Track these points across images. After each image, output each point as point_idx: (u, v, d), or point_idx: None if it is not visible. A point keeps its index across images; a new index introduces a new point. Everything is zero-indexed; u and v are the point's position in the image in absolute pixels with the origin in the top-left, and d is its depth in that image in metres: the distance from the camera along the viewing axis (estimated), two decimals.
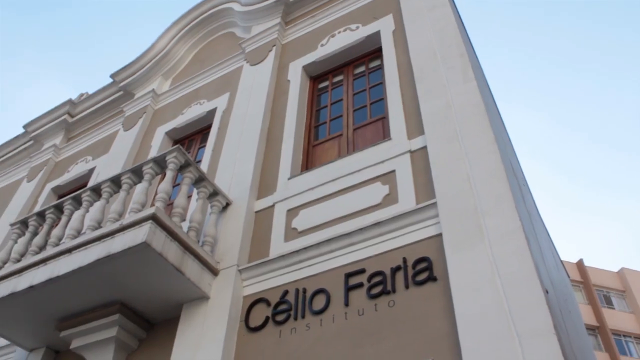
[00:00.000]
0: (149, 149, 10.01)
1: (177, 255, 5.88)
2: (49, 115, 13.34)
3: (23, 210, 11.45)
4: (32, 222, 7.54)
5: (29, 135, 13.64)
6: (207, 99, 9.98)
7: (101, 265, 5.92)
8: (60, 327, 6.85)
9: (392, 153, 6.44)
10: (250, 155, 7.61)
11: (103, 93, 12.63)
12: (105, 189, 6.87)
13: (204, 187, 6.73)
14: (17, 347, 7.83)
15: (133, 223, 5.80)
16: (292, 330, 5.54)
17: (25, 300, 6.58)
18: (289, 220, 6.60)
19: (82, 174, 11.23)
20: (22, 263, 6.71)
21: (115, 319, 6.39)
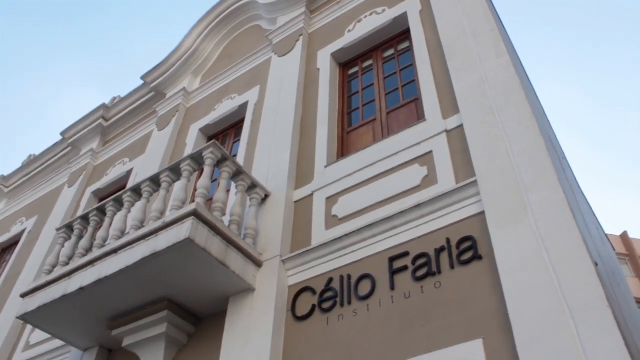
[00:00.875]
0: (184, 146, 10.11)
1: (221, 249, 5.94)
2: (84, 120, 13.60)
3: (67, 215, 11.71)
4: (77, 226, 7.70)
5: (67, 142, 13.93)
6: (238, 93, 10.02)
7: (147, 264, 6.01)
8: (112, 326, 6.99)
9: (428, 134, 6.37)
10: (285, 145, 7.63)
11: (135, 95, 12.80)
12: (145, 188, 6.96)
13: (242, 180, 6.77)
14: (72, 348, 8.03)
15: (175, 220, 5.87)
16: (339, 317, 5.55)
17: (77, 301, 6.73)
18: (328, 208, 6.60)
19: (120, 176, 11.43)
20: (71, 266, 6.86)
21: (163, 316, 6.49)
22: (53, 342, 8.71)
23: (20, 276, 11.18)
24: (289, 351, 5.66)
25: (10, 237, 13.58)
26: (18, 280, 11.09)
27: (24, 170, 15.09)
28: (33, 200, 14.20)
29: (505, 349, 4.33)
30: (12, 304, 10.45)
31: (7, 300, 10.91)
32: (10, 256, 13.27)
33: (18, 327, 9.99)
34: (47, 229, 11.89)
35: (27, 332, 9.76)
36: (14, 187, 15.21)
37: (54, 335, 7.65)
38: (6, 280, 11.86)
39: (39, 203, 13.82)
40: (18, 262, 12.06)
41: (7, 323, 10.07)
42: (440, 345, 4.69)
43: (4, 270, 12.73)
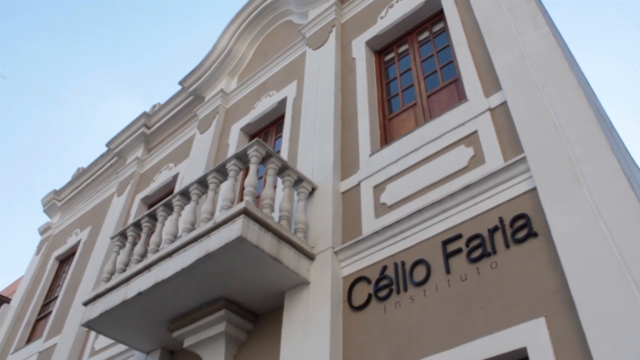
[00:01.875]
0: (227, 147, 10.22)
1: (273, 245, 5.98)
2: (127, 130, 13.88)
3: (118, 223, 11.98)
4: (130, 233, 7.87)
5: (113, 152, 14.24)
6: (276, 90, 10.07)
7: (201, 265, 6.10)
8: (172, 328, 7.13)
9: (471, 114, 6.29)
10: (327, 137, 7.63)
11: (174, 101, 12.99)
12: (193, 191, 7.07)
13: (288, 175, 6.80)
14: (135, 351, 8.24)
15: (226, 220, 5.94)
16: (396, 305, 5.54)
17: (136, 306, 6.90)
18: (376, 196, 6.59)
19: (167, 181, 11.62)
20: (128, 272, 7.02)
21: (221, 315, 6.59)
22: (117, 347, 8.96)
23: (80, 286, 11.51)
24: (348, 342, 5.68)
25: (67, 248, 14.00)
26: (78, 289, 11.42)
27: (74, 183, 15.50)
28: (85, 212, 14.59)
29: (569, 325, 4.25)
30: (75, 313, 10.77)
31: (70, 309, 11.25)
32: (68, 267, 13.68)
33: (83, 334, 10.30)
34: (101, 238, 12.20)
35: (91, 338, 10.05)
36: (67, 200, 15.65)
37: (117, 340, 7.87)
38: (67, 290, 12.23)
39: (91, 214, 14.19)
40: (76, 272, 12.41)
41: (73, 331, 10.39)
42: (501, 326, 4.64)
43: (64, 281, 13.13)
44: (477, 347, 4.65)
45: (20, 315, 13.78)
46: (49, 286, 13.89)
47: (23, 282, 15.04)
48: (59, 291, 13.21)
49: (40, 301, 13.55)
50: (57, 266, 14.33)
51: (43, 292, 13.72)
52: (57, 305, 12.26)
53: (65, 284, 12.65)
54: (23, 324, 13.19)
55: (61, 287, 13.12)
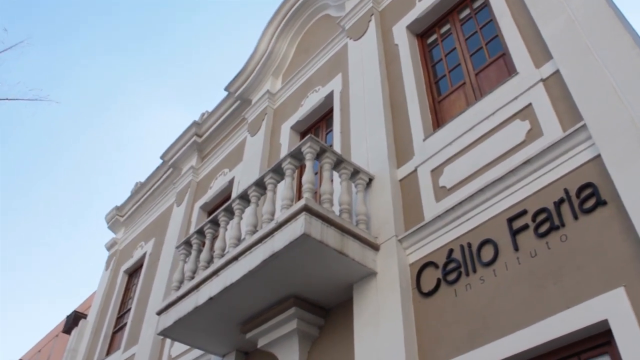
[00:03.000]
0: (279, 147, 10.30)
1: (337, 239, 6.00)
2: (179, 141, 14.16)
3: (181, 233, 12.25)
4: (195, 241, 8.03)
5: (168, 164, 14.56)
6: (322, 85, 10.08)
7: (268, 265, 6.17)
8: (244, 330, 7.26)
9: (523, 87, 6.15)
10: (379, 126, 7.60)
11: (222, 107, 13.17)
12: (252, 193, 7.15)
13: (344, 168, 6.81)
14: (210, 355, 8.42)
15: (288, 218, 5.99)
16: (467, 287, 5.48)
17: (208, 311, 7.04)
18: (435, 180, 6.53)
19: (223, 186, 11.80)
20: (197, 279, 7.17)
21: (292, 313, 6.66)
22: (193, 352, 9.16)
23: (150, 296, 11.82)
24: (421, 328, 5.66)
25: (134, 262, 14.41)
26: (149, 300, 11.74)
27: (134, 198, 15.93)
28: (148, 224, 14.97)
29: None
30: (149, 323, 11.08)
31: (143, 319, 11.58)
32: (137, 279, 14.08)
33: (158, 342, 10.58)
34: (165, 248, 12.50)
35: (167, 346, 10.31)
36: (129, 215, 16.11)
37: (192, 345, 8.06)
38: (139, 302, 12.59)
39: (153, 226, 14.55)
40: (146, 284, 12.76)
41: (149, 340, 10.69)
42: (578, 299, 4.53)
43: (134, 294, 13.52)
44: (555, 323, 4.55)
45: (98, 329, 14.28)
46: (121, 299, 14.34)
47: (96, 297, 15.57)
48: (131, 303, 13.62)
49: (114, 314, 14.00)
50: (127, 279, 14.77)
51: (116, 306, 14.17)
52: (130, 316, 12.64)
53: (136, 295, 13.02)
54: (101, 338, 13.66)
55: (133, 299, 13.52)
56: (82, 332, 15.03)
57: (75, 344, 14.91)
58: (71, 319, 16.53)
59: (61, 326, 20.03)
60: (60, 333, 20.66)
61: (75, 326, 16.26)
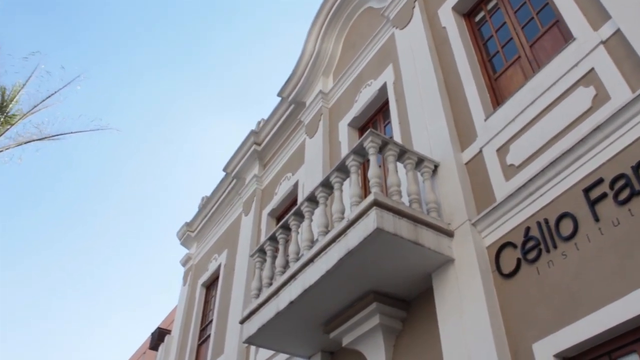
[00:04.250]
0: (339, 145, 10.32)
1: (410, 230, 5.97)
2: (239, 151, 14.39)
3: (252, 241, 12.43)
4: (268, 247, 8.13)
5: (231, 176, 14.81)
6: (374, 78, 10.04)
7: (344, 263, 6.18)
8: (327, 330, 7.30)
9: (582, 52, 5.96)
10: (437, 112, 7.51)
11: (277, 113, 13.30)
12: (319, 194, 7.19)
13: (409, 158, 6.76)
14: (296, 358, 8.51)
15: (359, 214, 5.99)
16: (549, 264, 5.35)
17: (290, 315, 7.12)
18: (501, 159, 6.40)
19: (288, 191, 11.91)
20: (275, 285, 7.27)
21: (373, 308, 6.66)
22: (278, 357, 9.27)
23: (230, 306, 12.05)
24: (506, 311, 5.55)
25: (210, 274, 14.73)
26: (229, 310, 11.97)
27: (202, 213, 16.29)
28: (219, 237, 15.28)
29: None
30: (232, 332, 11.30)
31: (226, 329, 11.82)
32: (215, 291, 14.39)
33: (243, 350, 10.77)
34: (239, 258, 12.72)
35: (252, 353, 10.48)
36: (199, 229, 16.48)
37: (277, 350, 8.17)
38: (219, 313, 12.86)
39: (224, 237, 14.83)
40: (224, 295, 13.02)
41: (234, 349, 10.90)
42: None
43: (214, 305, 13.82)
44: None
45: (183, 343, 14.67)
46: (201, 312, 14.68)
47: (178, 312, 16.00)
48: (212, 315, 13.92)
49: (197, 327, 14.35)
50: (205, 292, 15.11)
51: (198, 319, 14.52)
52: (213, 328, 12.92)
53: (216, 307, 13.30)
54: (187, 351, 14.03)
55: (213, 311, 13.82)
56: (169, 347, 15.48)
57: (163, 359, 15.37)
58: (156, 336, 17.06)
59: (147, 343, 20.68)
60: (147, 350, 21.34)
61: (160, 342, 16.77)
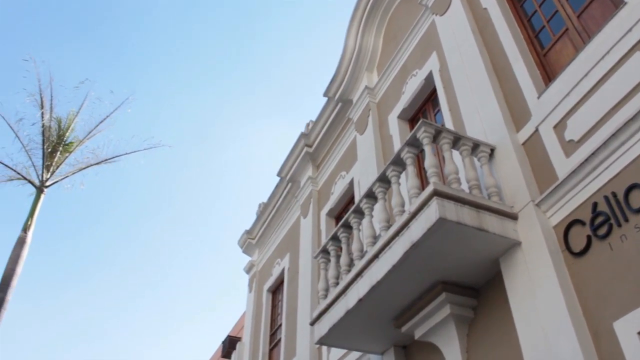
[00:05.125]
0: (390, 138, 10.27)
1: (473, 217, 5.89)
2: (291, 155, 14.51)
3: (313, 243, 12.50)
4: (331, 247, 8.16)
5: (285, 180, 14.94)
6: (419, 68, 9.95)
7: (410, 256, 6.16)
8: (398, 324, 7.28)
9: (635, 16, 5.75)
10: (488, 95, 7.39)
11: (325, 113, 13.33)
12: (377, 189, 7.18)
13: (464, 144, 6.68)
14: (369, 355, 8.52)
15: (420, 206, 5.96)
16: (621, 238, 5.19)
17: (359, 312, 7.13)
18: (559, 135, 6.25)
19: (344, 189, 11.93)
20: (342, 284, 7.29)
21: (443, 299, 6.60)
22: (351, 355, 9.30)
23: (297, 309, 12.15)
24: (581, 290, 5.42)
25: (274, 279, 14.88)
26: (297, 312, 12.07)
27: (261, 219, 16.48)
28: (279, 241, 15.42)
29: None
30: (302, 334, 11.38)
31: (296, 332, 11.92)
32: (281, 295, 14.54)
33: (315, 351, 10.84)
34: (302, 260, 12.81)
35: (324, 353, 10.53)
36: (259, 236, 16.68)
37: (349, 348, 8.20)
38: (288, 316, 12.98)
39: (285, 241, 14.97)
40: (290, 298, 13.14)
41: (305, 351, 10.99)
42: None
43: (282, 309, 13.96)
44: None
45: (254, 349, 14.87)
46: (270, 317, 14.85)
47: (246, 319, 16.23)
48: (280, 319, 14.07)
49: (267, 332, 14.52)
50: (271, 297, 15.28)
51: (267, 324, 14.69)
52: (283, 332, 13.04)
53: (284, 311, 13.43)
54: (260, 356, 14.22)
55: (281, 315, 13.97)
56: (241, 354, 15.72)
57: None
58: (227, 344, 17.35)
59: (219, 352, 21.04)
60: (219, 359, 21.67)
61: (232, 350, 17.06)
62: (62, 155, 19.04)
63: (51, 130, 18.91)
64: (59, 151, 18.91)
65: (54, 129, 19.03)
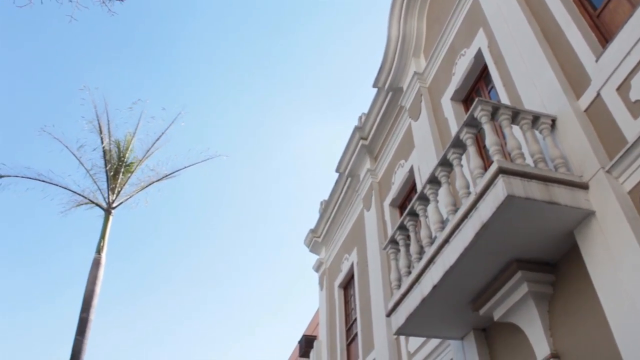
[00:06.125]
0: (446, 122, 10.15)
1: (542, 191, 5.76)
2: (348, 150, 14.54)
3: (379, 235, 12.48)
4: (399, 237, 8.13)
5: (345, 175, 14.97)
6: (466, 47, 9.79)
7: (481, 238, 6.07)
8: (476, 307, 7.19)
9: None
10: (542, 65, 7.19)
11: (377, 104, 13.29)
12: (440, 174, 7.11)
13: (524, 118, 6.53)
14: (448, 341, 8.45)
15: (486, 185, 5.86)
16: None
17: (435, 299, 7.08)
18: (624, 97, 6.02)
19: (405, 177, 11.86)
20: (415, 272, 7.26)
21: (519, 277, 6.48)
22: (430, 343, 9.25)
23: (371, 302, 12.15)
24: None
25: (344, 275, 14.94)
26: (371, 305, 12.07)
27: (324, 217, 16.57)
28: (345, 237, 15.47)
29: None
30: (378, 327, 11.39)
31: (372, 324, 11.93)
32: (352, 290, 14.58)
33: (393, 341, 10.82)
34: (370, 253, 12.81)
35: (402, 343, 10.50)
36: (324, 234, 16.77)
37: (428, 336, 8.15)
38: (361, 310, 13.01)
39: (351, 236, 15.00)
40: (362, 292, 13.16)
41: (383, 343, 10.99)
42: None
43: (355, 304, 14.00)
44: None
45: (332, 345, 14.97)
46: (344, 312, 14.91)
47: (321, 317, 16.35)
48: (354, 314, 14.11)
49: (343, 328, 14.59)
50: (343, 293, 15.34)
51: (342, 320, 14.76)
52: (358, 326, 13.08)
53: (357, 305, 13.46)
54: (338, 353, 14.30)
55: (355, 309, 14.01)
56: (319, 352, 15.84)
57: None
58: (303, 344, 17.51)
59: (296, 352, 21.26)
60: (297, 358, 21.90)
61: (309, 349, 17.21)
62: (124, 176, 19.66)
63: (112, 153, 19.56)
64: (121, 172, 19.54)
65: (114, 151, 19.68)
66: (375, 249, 12.36)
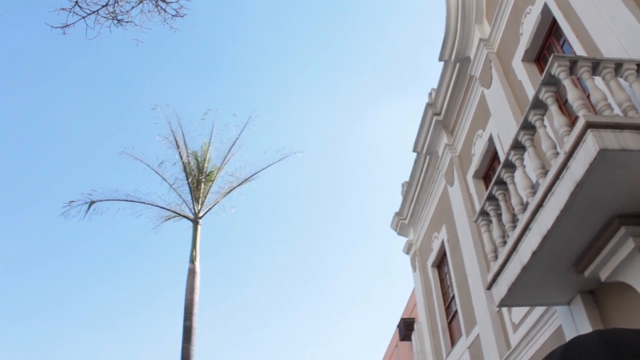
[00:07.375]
0: (520, 84, 9.84)
1: (637, 140, 5.45)
2: (422, 128, 14.38)
3: (467, 208, 12.28)
4: (489, 208, 7.95)
5: (422, 154, 14.80)
6: (531, 4, 9.42)
7: (576, 197, 5.84)
8: (579, 270, 6.95)
9: None
10: (619, 8, 6.83)
11: (445, 77, 13.06)
12: (523, 138, 6.89)
13: (605, 67, 6.21)
14: (554, 308, 8.21)
15: (575, 142, 5.63)
16: None
17: (536, 266, 6.89)
18: None
19: (485, 147, 11.60)
20: (510, 241, 7.09)
21: (623, 233, 6.20)
22: (534, 312, 9.02)
23: (467, 277, 11.99)
24: None
25: (436, 254, 14.80)
26: (468, 280, 11.90)
27: (407, 198, 16.46)
28: (432, 215, 15.31)
29: None
30: (478, 301, 11.22)
31: (471, 300, 11.77)
32: (446, 267, 14.42)
33: (495, 314, 10.64)
34: (459, 228, 12.63)
35: (505, 315, 10.30)
36: (410, 215, 16.66)
37: (532, 305, 7.94)
38: (458, 286, 12.85)
39: (437, 214, 14.83)
40: (457, 268, 12.99)
41: (485, 317, 10.82)
42: None
43: (451, 281, 13.84)
44: None
45: (433, 326, 14.88)
46: (440, 291, 14.78)
47: (417, 298, 16.28)
48: (451, 291, 13.96)
49: (442, 307, 14.47)
50: (437, 272, 15.20)
51: (439, 299, 14.64)
52: (457, 303, 12.92)
53: (453, 282, 13.30)
54: (440, 332, 14.21)
55: (452, 287, 13.85)
56: (420, 333, 15.78)
57: (420, 346, 15.70)
58: (402, 327, 17.49)
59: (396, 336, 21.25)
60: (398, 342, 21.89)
61: (409, 332, 17.19)
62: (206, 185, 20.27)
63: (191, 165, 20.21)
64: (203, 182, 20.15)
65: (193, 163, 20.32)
66: (465, 224, 12.17)
